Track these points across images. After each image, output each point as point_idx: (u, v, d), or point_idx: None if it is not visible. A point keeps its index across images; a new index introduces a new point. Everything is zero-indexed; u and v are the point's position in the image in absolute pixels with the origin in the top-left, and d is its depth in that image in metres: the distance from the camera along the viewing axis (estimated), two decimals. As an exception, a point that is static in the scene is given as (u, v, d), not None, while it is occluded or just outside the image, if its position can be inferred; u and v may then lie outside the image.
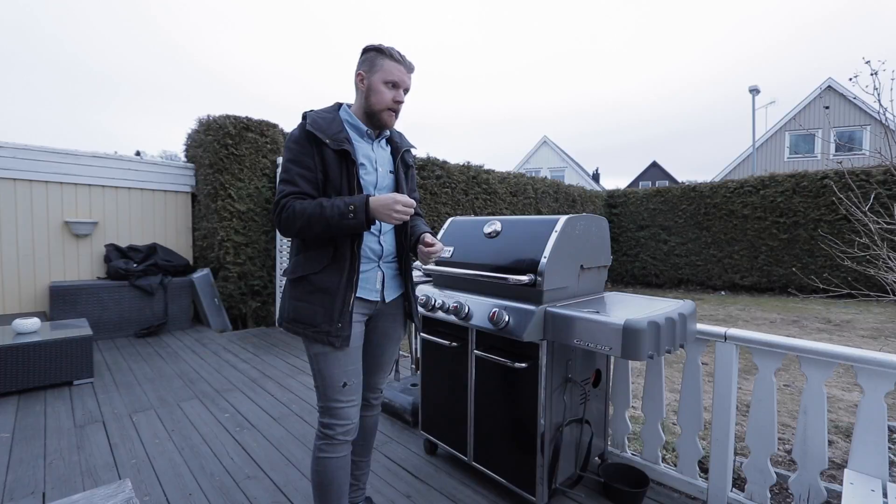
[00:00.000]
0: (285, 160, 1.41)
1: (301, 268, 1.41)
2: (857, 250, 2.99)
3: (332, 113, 1.46)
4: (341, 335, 1.37)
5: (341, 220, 1.28)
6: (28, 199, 4.41)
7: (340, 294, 1.37)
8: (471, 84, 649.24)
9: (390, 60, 1.41)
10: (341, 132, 1.40)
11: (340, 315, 1.37)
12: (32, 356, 3.05)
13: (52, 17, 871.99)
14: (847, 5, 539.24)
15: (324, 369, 1.41)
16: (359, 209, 1.28)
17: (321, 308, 1.37)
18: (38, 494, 1.90)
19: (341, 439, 1.42)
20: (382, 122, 1.45)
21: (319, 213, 1.30)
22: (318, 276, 1.38)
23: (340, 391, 1.41)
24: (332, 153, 1.37)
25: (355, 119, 1.47)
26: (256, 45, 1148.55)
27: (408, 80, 1.45)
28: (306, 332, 1.39)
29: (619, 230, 10.70)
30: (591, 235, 1.92)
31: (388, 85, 1.41)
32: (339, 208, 1.29)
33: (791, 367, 4.05)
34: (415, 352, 2.90)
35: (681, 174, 67.06)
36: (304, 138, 1.38)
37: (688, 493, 1.93)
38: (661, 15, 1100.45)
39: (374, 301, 1.49)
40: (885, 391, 1.48)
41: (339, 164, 1.38)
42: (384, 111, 1.43)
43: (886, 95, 2.51)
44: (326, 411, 1.42)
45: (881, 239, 2.72)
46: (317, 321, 1.37)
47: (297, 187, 1.36)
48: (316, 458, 1.44)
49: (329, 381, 1.40)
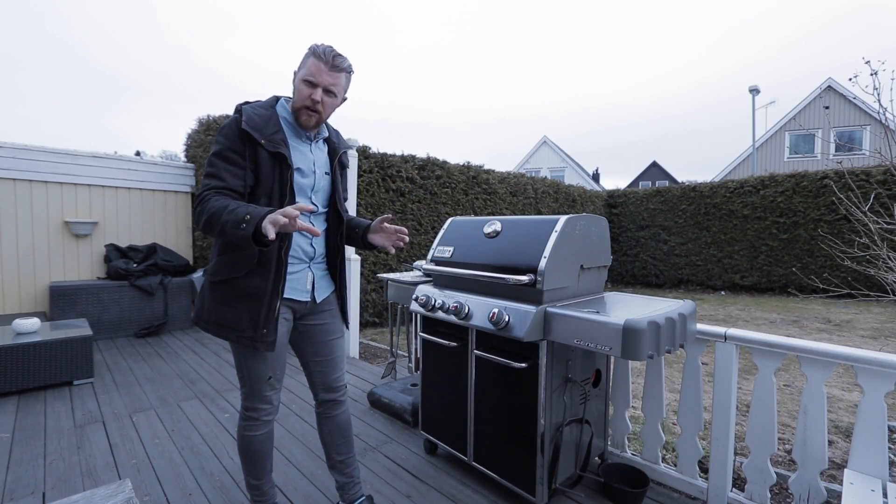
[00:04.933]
0: (213, 153, 1.32)
1: (224, 270, 1.36)
2: (857, 250, 2.99)
3: (269, 109, 1.40)
4: (266, 340, 1.36)
5: (233, 229, 1.16)
6: (28, 199, 4.41)
7: (266, 299, 1.34)
8: (471, 84, 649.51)
9: (313, 57, 1.34)
10: (278, 132, 1.35)
11: (266, 321, 1.34)
12: (32, 356, 3.05)
13: (60, 20, 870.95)
14: (847, 5, 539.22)
15: (250, 367, 1.43)
16: (251, 221, 1.13)
17: (246, 313, 1.34)
18: (38, 494, 1.90)
19: (265, 419, 1.49)
20: (300, 122, 1.40)
21: (219, 216, 1.19)
22: (243, 281, 1.34)
23: (266, 383, 1.45)
24: (267, 154, 1.32)
25: (293, 117, 1.42)
26: (261, 46, 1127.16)
27: (327, 78, 1.35)
28: (230, 336, 1.37)
29: (619, 230, 10.69)
30: (591, 235, 1.92)
31: (306, 83, 1.35)
32: (238, 216, 1.16)
33: (791, 367, 4.05)
34: (415, 352, 2.90)
35: (681, 174, 67.07)
36: (237, 135, 1.32)
37: (688, 493, 1.93)
38: (661, 14, 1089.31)
39: (304, 301, 1.48)
40: (885, 391, 1.48)
41: (272, 167, 1.33)
42: (301, 110, 1.38)
43: (886, 95, 2.51)
44: (251, 398, 1.47)
45: (881, 239, 2.72)
46: (241, 326, 1.35)
47: (222, 182, 1.29)
48: (242, 436, 1.50)
49: (255, 376, 1.44)
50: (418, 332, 2.27)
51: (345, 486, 1.67)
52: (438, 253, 2.13)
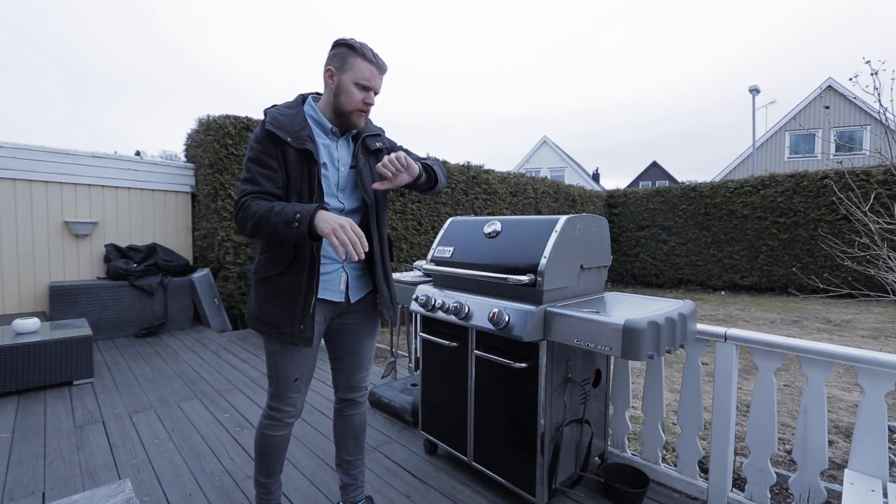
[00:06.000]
0: (247, 159, 1.36)
1: (263, 269, 1.40)
2: (858, 250, 2.99)
3: (295, 108, 1.41)
4: (303, 336, 1.38)
5: (286, 229, 1.21)
6: (28, 199, 4.41)
7: (301, 297, 1.36)
8: (471, 84, 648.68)
9: (363, 60, 1.34)
10: (303, 129, 1.36)
11: (302, 317, 1.37)
12: (32, 356, 3.05)
13: (62, 20, 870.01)
14: (847, 5, 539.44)
15: (279, 365, 1.45)
16: (303, 219, 1.19)
17: (283, 310, 1.38)
18: (38, 494, 1.90)
19: (287, 421, 1.51)
20: (352, 124, 1.41)
21: (268, 217, 1.23)
22: (279, 278, 1.37)
23: (292, 385, 1.47)
24: (294, 152, 1.34)
25: (320, 115, 1.42)
26: (263, 46, 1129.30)
27: (379, 81, 1.40)
28: (269, 332, 1.41)
29: (619, 230, 10.70)
30: (591, 235, 1.92)
31: (359, 87, 1.36)
32: (287, 215, 1.21)
33: (791, 367, 4.05)
34: (415, 352, 2.90)
35: (681, 174, 67.10)
36: (266, 138, 1.34)
37: (688, 493, 1.92)
38: (661, 14, 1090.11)
39: (337, 302, 1.48)
40: (885, 391, 1.48)
41: (300, 163, 1.34)
42: (354, 112, 1.38)
43: (886, 95, 2.51)
44: (276, 398, 1.48)
45: (881, 239, 2.72)
46: (279, 322, 1.38)
47: (258, 186, 1.32)
48: (262, 434, 1.52)
49: (282, 375, 1.46)
50: (418, 332, 2.27)
51: (348, 486, 1.67)
52: (438, 253, 2.13)
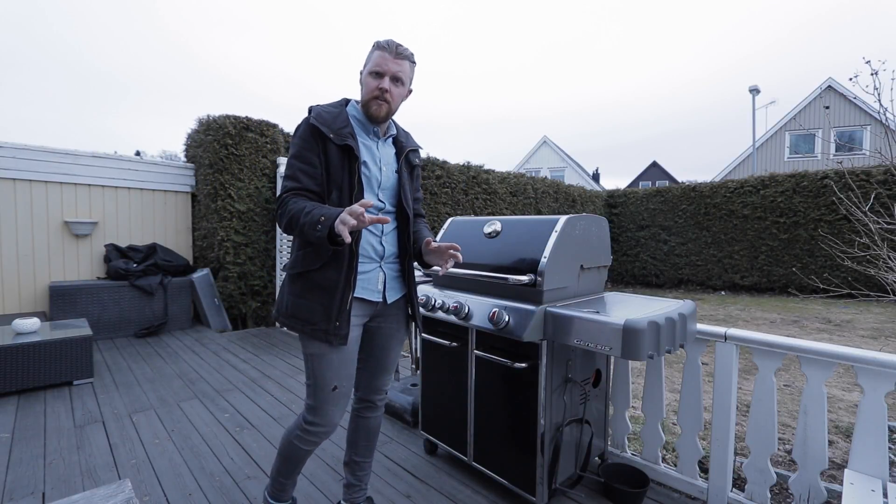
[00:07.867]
0: (290, 156, 1.40)
1: (301, 264, 1.40)
2: (858, 250, 2.99)
3: (339, 108, 1.45)
4: (339, 333, 1.36)
5: (311, 231, 1.22)
6: (28, 199, 4.41)
7: (339, 292, 1.36)
8: (471, 84, 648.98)
9: (377, 50, 1.39)
10: (346, 127, 1.39)
11: (339, 313, 1.36)
12: (32, 356, 3.05)
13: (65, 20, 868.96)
14: (847, 5, 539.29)
15: (317, 370, 1.41)
16: (326, 223, 1.19)
17: (319, 306, 1.37)
18: (38, 494, 1.90)
19: (321, 437, 1.47)
20: (371, 113, 1.42)
21: (298, 218, 1.26)
22: (318, 273, 1.37)
23: (330, 394, 1.42)
24: (336, 148, 1.36)
25: (362, 115, 1.46)
26: (266, 47, 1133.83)
27: (393, 66, 1.39)
28: (304, 329, 1.39)
29: (619, 230, 10.70)
30: (591, 235, 1.92)
31: (373, 75, 1.39)
32: (314, 218, 1.22)
33: (791, 367, 4.05)
34: (415, 352, 2.90)
35: (681, 174, 67.07)
36: (309, 133, 1.37)
37: (688, 493, 1.92)
38: (661, 14, 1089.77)
39: (375, 302, 1.48)
40: (885, 391, 1.48)
41: (341, 160, 1.36)
42: (370, 101, 1.41)
43: (886, 95, 2.51)
44: (313, 411, 1.44)
45: (881, 239, 2.72)
46: (315, 318, 1.37)
47: (298, 183, 1.35)
48: (289, 441, 1.50)
49: (321, 381, 1.41)
50: (419, 333, 2.27)
51: (351, 486, 1.67)
52: (438, 253, 2.13)
